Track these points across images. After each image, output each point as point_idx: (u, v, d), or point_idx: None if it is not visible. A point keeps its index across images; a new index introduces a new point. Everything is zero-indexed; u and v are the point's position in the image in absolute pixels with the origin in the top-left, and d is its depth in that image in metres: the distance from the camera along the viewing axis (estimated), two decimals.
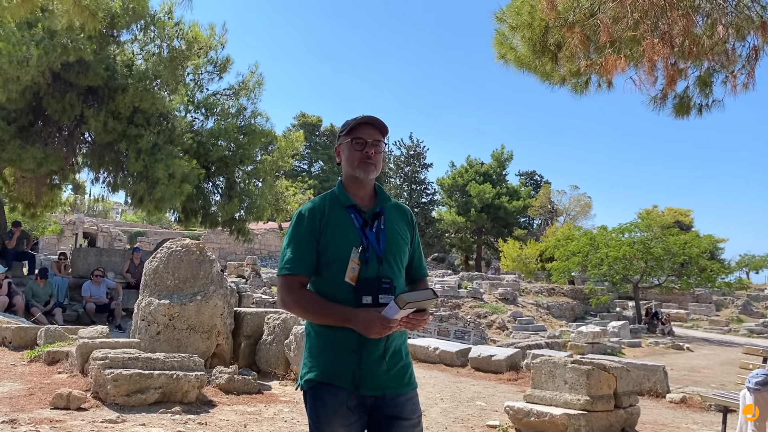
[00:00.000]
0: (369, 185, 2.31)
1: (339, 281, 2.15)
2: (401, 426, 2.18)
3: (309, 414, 2.19)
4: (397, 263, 2.26)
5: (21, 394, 5.56)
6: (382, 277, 2.17)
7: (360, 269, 2.15)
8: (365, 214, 2.25)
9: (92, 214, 43.61)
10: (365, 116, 2.29)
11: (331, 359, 2.15)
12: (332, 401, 2.12)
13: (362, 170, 2.25)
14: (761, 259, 33.59)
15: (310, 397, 2.19)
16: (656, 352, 18.94)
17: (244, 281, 22.00)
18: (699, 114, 5.88)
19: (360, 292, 2.14)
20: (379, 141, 2.27)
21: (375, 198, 2.32)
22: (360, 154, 2.24)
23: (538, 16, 5.23)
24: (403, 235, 2.31)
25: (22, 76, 11.25)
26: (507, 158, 50.06)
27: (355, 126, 2.27)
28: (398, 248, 2.27)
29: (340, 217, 2.23)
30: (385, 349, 2.17)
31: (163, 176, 12.60)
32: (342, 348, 2.14)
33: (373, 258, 2.18)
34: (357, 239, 2.19)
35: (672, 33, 4.48)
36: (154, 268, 7.15)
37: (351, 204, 2.25)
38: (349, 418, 2.13)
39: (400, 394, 2.20)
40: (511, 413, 5.62)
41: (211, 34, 14.49)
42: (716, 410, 7.25)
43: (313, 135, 54.27)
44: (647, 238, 27.46)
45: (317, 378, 2.16)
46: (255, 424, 5.21)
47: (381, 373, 2.16)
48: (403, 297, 2.00)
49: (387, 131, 2.30)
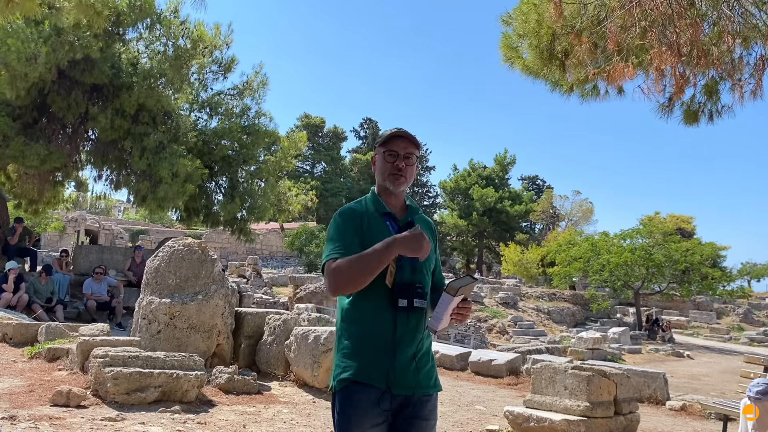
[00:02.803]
0: (400, 196, 2.40)
1: (375, 283, 2.20)
2: (420, 426, 2.25)
3: (338, 414, 2.21)
4: (427, 270, 2.34)
5: (21, 391, 5.56)
6: (416, 283, 2.25)
7: (395, 273, 2.23)
8: (400, 222, 2.35)
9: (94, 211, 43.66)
10: (399, 129, 2.37)
11: (365, 359, 2.20)
12: (365, 401, 2.17)
13: (391, 182, 2.34)
14: (763, 267, 33.55)
15: (341, 398, 2.21)
16: (656, 359, 18.90)
17: (245, 281, 22.01)
18: (710, 120, 5.88)
19: (396, 294, 2.21)
20: (411, 154, 2.35)
21: (406, 209, 2.42)
22: (391, 166, 2.33)
23: (546, 23, 5.23)
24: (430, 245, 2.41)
25: (30, 73, 11.27)
26: (510, 162, 50.04)
27: (390, 138, 2.36)
28: (427, 257, 2.34)
29: (377, 222, 2.31)
30: (416, 350, 2.24)
31: (167, 175, 12.60)
32: (376, 348, 2.19)
33: (407, 264, 2.25)
34: None
35: (679, 42, 4.49)
36: (156, 267, 7.16)
37: (387, 212, 2.34)
38: (378, 419, 2.18)
39: (425, 395, 2.26)
40: (510, 418, 5.61)
41: (217, 34, 14.50)
42: (716, 418, 7.24)
43: (316, 136, 54.35)
44: (649, 244, 27.42)
45: (351, 377, 2.19)
46: (254, 424, 5.21)
47: (411, 373, 2.22)
48: (452, 284, 2.12)
49: (419, 145, 2.40)
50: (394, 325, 2.19)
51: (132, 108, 12.90)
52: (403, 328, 2.20)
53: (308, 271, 28.89)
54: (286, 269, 31.87)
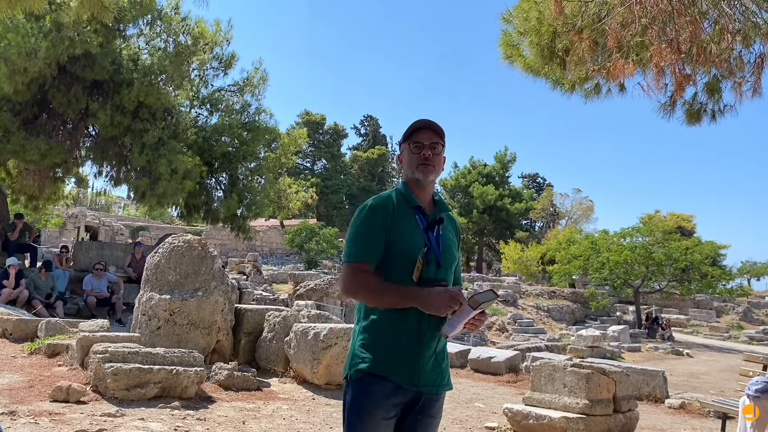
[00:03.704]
0: (430, 189, 2.39)
1: (405, 278, 2.21)
2: (426, 423, 2.28)
3: (350, 404, 2.22)
4: (450, 269, 2.36)
5: (21, 386, 5.57)
6: (441, 280, 2.26)
7: (422, 269, 2.23)
8: (429, 217, 2.33)
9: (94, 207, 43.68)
10: (421, 120, 2.37)
11: (389, 352, 2.20)
12: (380, 394, 2.18)
13: (421, 172, 2.32)
14: (763, 266, 33.47)
15: (356, 388, 2.22)
16: (656, 357, 18.92)
17: (245, 278, 22.03)
18: (713, 120, 5.86)
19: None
20: (437, 143, 2.34)
21: (434, 204, 2.41)
22: (418, 156, 2.32)
23: (546, 21, 5.23)
24: (454, 243, 2.41)
25: (30, 68, 11.26)
26: (510, 160, 50.02)
27: (413, 131, 2.35)
28: (452, 255, 2.36)
29: (406, 215, 2.29)
30: (436, 348, 2.26)
31: (166, 172, 12.60)
32: (400, 342, 2.20)
33: (432, 260, 2.26)
34: (422, 239, 2.27)
35: (679, 39, 4.48)
36: (156, 263, 7.16)
37: (417, 205, 2.33)
38: (389, 413, 2.19)
39: (438, 393, 2.29)
40: (509, 415, 5.62)
41: (217, 30, 14.49)
42: (715, 417, 7.25)
43: (317, 133, 54.29)
44: (649, 243, 27.43)
45: (369, 369, 2.19)
46: (253, 420, 5.22)
47: (430, 369, 2.24)
48: (476, 298, 2.14)
49: (443, 133, 2.38)
50: (419, 321, 2.20)
51: (132, 104, 12.90)
52: (427, 325, 2.21)
53: (308, 268, 28.89)
54: (286, 266, 31.89)
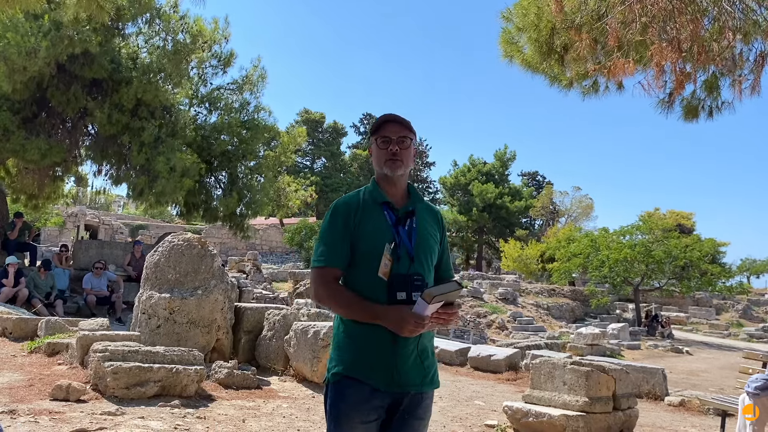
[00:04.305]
0: (401, 183, 2.35)
1: (371, 276, 2.17)
2: (413, 425, 2.22)
3: (329, 408, 2.20)
4: (428, 262, 2.29)
5: (21, 385, 5.57)
6: (414, 274, 2.19)
7: (392, 265, 2.18)
8: (398, 212, 2.29)
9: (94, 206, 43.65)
10: (388, 114, 2.33)
11: (363, 354, 2.17)
12: (356, 397, 2.14)
13: (389, 167, 2.29)
14: (762, 263, 33.48)
15: (332, 391, 2.20)
16: (655, 355, 18.92)
17: (245, 276, 22.04)
18: (710, 116, 5.86)
19: (394, 287, 2.16)
20: (405, 137, 2.30)
21: (408, 197, 2.37)
22: (386, 152, 2.29)
23: (545, 17, 5.22)
24: (433, 235, 2.35)
25: (29, 67, 11.26)
26: (510, 158, 50.02)
27: (380, 125, 2.32)
28: (429, 247, 2.30)
29: (373, 212, 2.26)
30: (417, 347, 2.20)
31: (164, 170, 12.59)
32: (375, 343, 2.15)
33: (404, 255, 2.21)
34: (389, 235, 2.22)
35: (680, 38, 4.48)
36: (156, 262, 7.16)
37: (384, 201, 2.29)
38: (369, 416, 2.14)
39: (421, 393, 2.23)
40: (509, 413, 5.62)
41: (215, 28, 14.48)
42: (715, 414, 7.26)
43: (316, 131, 54.25)
44: (648, 240, 27.42)
45: (345, 372, 2.17)
46: (253, 419, 5.22)
47: (410, 370, 2.19)
48: (429, 291, 2.04)
49: (412, 127, 2.34)
50: None
51: (130, 102, 12.89)
52: None
53: (308, 266, 28.89)
54: (285, 264, 31.92)
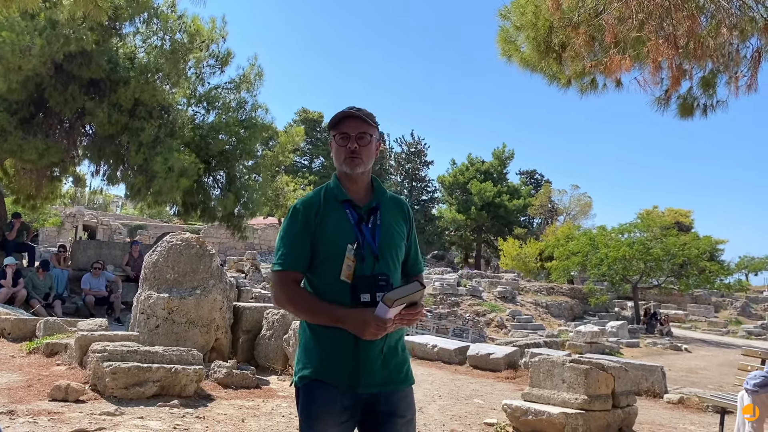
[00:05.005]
0: (363, 180, 2.23)
1: (334, 279, 2.10)
2: (395, 423, 2.15)
3: (300, 411, 2.15)
4: (393, 260, 2.20)
5: (19, 386, 5.56)
6: (379, 275, 2.10)
7: (355, 266, 2.10)
8: (361, 210, 2.19)
9: (92, 206, 43.60)
10: (348, 109, 2.19)
11: (327, 356, 2.11)
12: (325, 399, 2.09)
13: (347, 165, 2.17)
14: (761, 261, 33.56)
15: (302, 394, 2.15)
16: (654, 352, 18.95)
17: (244, 276, 22.03)
18: (704, 114, 5.87)
19: (357, 290, 2.08)
20: (365, 133, 2.16)
21: (371, 192, 2.25)
22: (344, 149, 2.16)
23: (543, 15, 5.22)
24: (399, 230, 2.24)
25: (24, 65, 11.22)
26: (508, 157, 50.05)
27: (339, 120, 2.18)
28: (394, 244, 2.21)
29: (335, 212, 2.17)
30: (382, 346, 2.13)
31: (161, 170, 12.57)
32: (338, 345, 2.09)
33: (368, 255, 2.12)
34: (352, 235, 2.12)
35: (677, 34, 4.48)
36: (154, 262, 7.15)
37: (346, 199, 2.19)
38: (341, 417, 2.09)
39: (396, 392, 2.16)
40: (508, 411, 5.62)
41: (213, 27, 14.45)
42: (714, 411, 7.26)
43: (314, 131, 54.21)
44: (647, 238, 27.47)
45: (311, 375, 2.12)
46: (253, 418, 5.21)
47: (378, 370, 2.12)
48: (389, 296, 1.97)
49: (373, 121, 2.19)
50: None
51: (128, 102, 12.87)
52: None
53: None
54: None
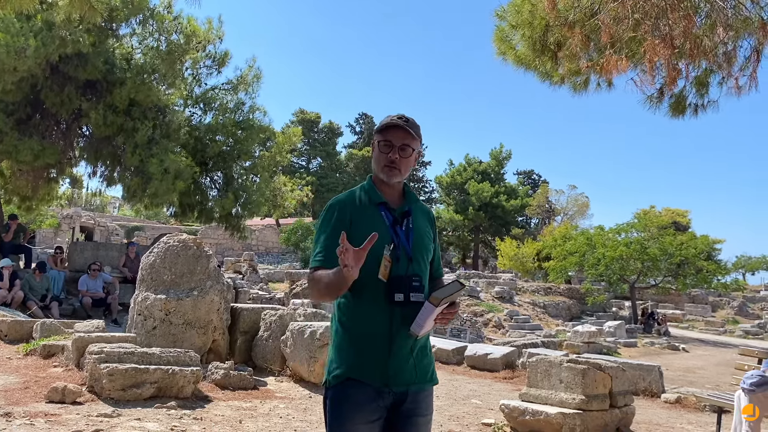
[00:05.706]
0: (397, 186, 2.31)
1: (370, 278, 2.13)
2: (416, 423, 2.21)
3: (330, 410, 2.18)
4: (425, 261, 2.28)
5: (16, 388, 5.55)
6: (412, 275, 2.18)
7: (391, 267, 2.16)
8: (395, 212, 2.26)
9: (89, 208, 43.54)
10: (398, 118, 2.26)
11: (361, 355, 2.15)
12: (359, 398, 2.13)
13: (386, 174, 2.25)
14: (757, 260, 33.68)
15: (334, 393, 2.18)
16: (652, 352, 18.97)
17: (241, 277, 22.03)
18: (695, 114, 5.89)
19: (392, 289, 2.14)
20: (407, 145, 2.24)
21: (403, 197, 2.33)
22: (385, 157, 2.23)
23: (539, 14, 5.23)
24: (428, 234, 2.33)
25: (19, 67, 11.20)
26: (505, 157, 50.10)
27: (385, 127, 2.25)
28: (425, 247, 2.29)
29: (370, 212, 2.23)
30: (413, 345, 2.19)
31: (157, 171, 12.54)
32: (371, 344, 2.15)
33: (403, 256, 2.19)
34: (387, 237, 2.18)
35: (672, 34, 4.48)
36: (151, 263, 7.13)
37: (381, 201, 2.26)
38: (372, 415, 2.14)
39: (422, 390, 2.23)
40: (506, 411, 5.62)
41: (209, 28, 14.44)
42: (711, 411, 7.27)
43: (312, 131, 54.25)
44: (644, 238, 27.50)
45: (346, 374, 2.15)
46: (250, 419, 5.21)
47: (408, 368, 2.18)
48: (436, 295, 2.07)
49: (418, 133, 2.27)
50: (390, 321, 2.13)
51: (123, 103, 12.85)
52: (399, 324, 2.14)
53: (304, 266, 28.88)
54: (282, 265, 31.89)
